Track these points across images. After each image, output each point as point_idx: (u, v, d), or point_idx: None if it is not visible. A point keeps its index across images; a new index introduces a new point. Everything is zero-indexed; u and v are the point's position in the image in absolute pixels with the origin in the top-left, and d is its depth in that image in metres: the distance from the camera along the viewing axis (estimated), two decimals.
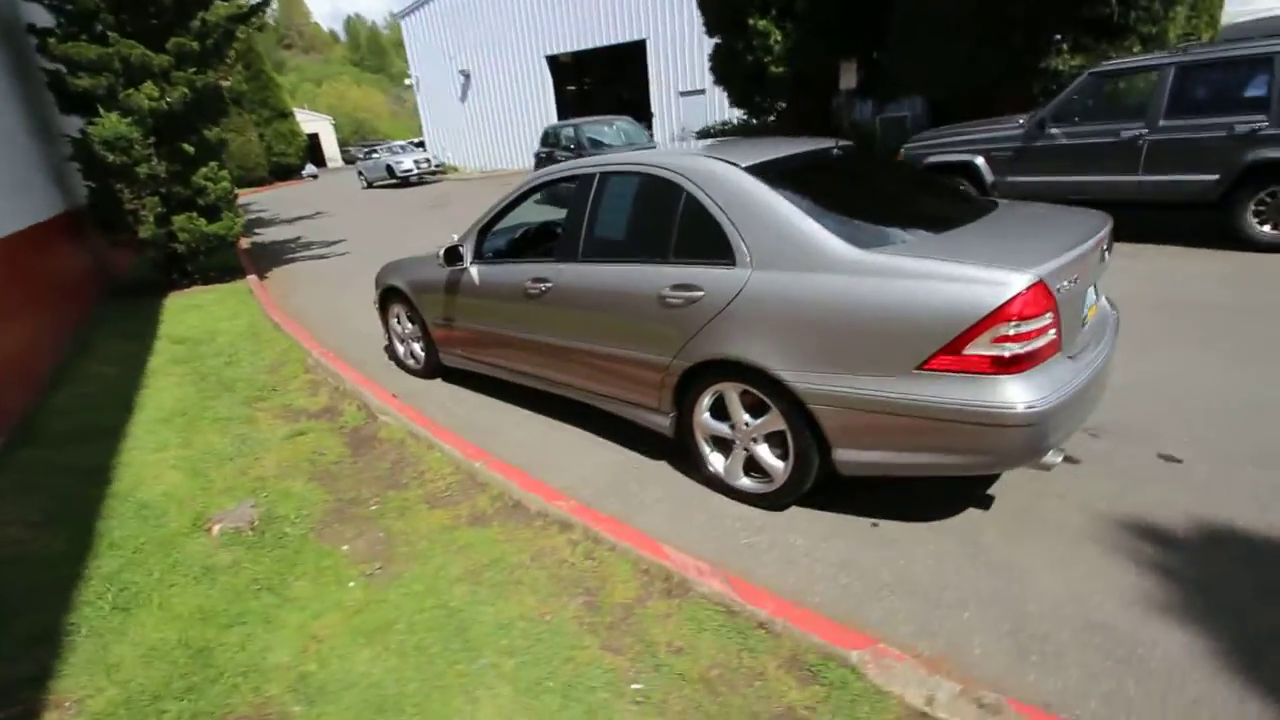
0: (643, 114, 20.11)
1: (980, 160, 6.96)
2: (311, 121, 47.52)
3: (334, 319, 6.60)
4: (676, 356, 2.81)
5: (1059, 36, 8.25)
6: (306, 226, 15.12)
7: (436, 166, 24.90)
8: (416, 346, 4.69)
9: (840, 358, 2.36)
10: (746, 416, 2.71)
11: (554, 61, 23.77)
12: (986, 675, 1.90)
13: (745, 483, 2.83)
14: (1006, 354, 2.10)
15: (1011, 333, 2.09)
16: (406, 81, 28.83)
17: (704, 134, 13.94)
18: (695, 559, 2.32)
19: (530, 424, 3.77)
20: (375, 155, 25.29)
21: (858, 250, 2.36)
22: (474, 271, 3.82)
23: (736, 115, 14.75)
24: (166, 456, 3.68)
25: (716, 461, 2.91)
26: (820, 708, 1.78)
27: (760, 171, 2.73)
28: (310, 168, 37.30)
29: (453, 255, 3.82)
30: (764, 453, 2.72)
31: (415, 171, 23.72)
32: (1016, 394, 2.11)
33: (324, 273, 9.37)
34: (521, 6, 23.21)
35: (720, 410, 2.82)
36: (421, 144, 29.04)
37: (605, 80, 26.31)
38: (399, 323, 4.76)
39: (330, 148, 51.86)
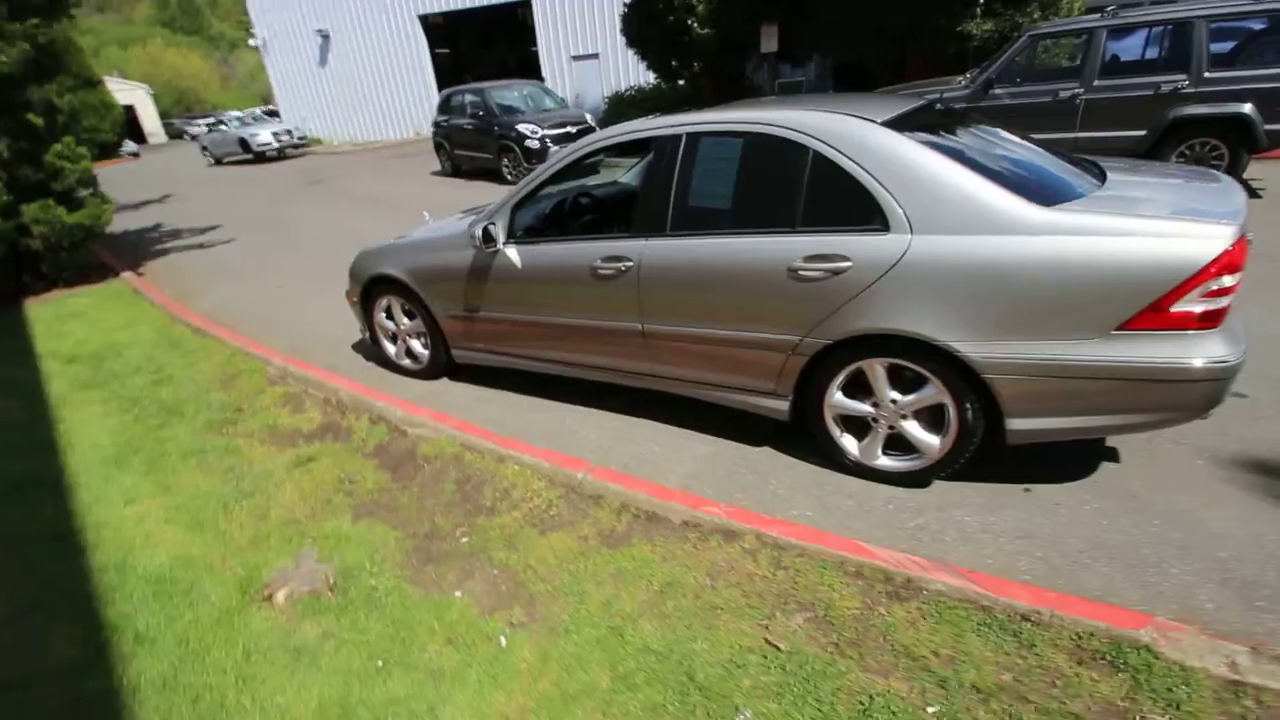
0: (531, 79, 19.14)
1: None
2: (125, 91, 40.82)
3: (266, 318, 5.63)
4: (810, 334, 2.56)
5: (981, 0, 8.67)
6: (160, 212, 12.96)
7: (300, 139, 22.31)
8: (416, 344, 4.06)
9: (1026, 324, 2.23)
10: (894, 393, 2.53)
11: (424, 22, 21.91)
12: (1237, 629, 1.88)
13: (885, 462, 2.67)
14: (1214, 308, 2.07)
15: (1217, 287, 2.05)
16: (252, 42, 25.37)
17: (616, 100, 13.44)
18: (905, 554, 2.13)
19: (595, 421, 3.37)
20: (224, 128, 22.17)
21: (1040, 209, 2.22)
22: (512, 254, 3.31)
23: (646, 79, 14.38)
24: (149, 509, 2.90)
25: (848, 443, 2.72)
26: (1138, 696, 1.66)
27: (899, 126, 2.51)
28: (130, 144, 32.17)
29: (486, 236, 3.27)
30: (914, 429, 2.56)
31: (275, 145, 21.08)
32: (1219, 348, 2.09)
33: (219, 264, 8.03)
34: None
35: (853, 389, 2.63)
36: (274, 113, 25.87)
37: (483, 44, 24.76)
38: (390, 318, 4.09)
39: (150, 121, 45.04)
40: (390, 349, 4.21)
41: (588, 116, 12.16)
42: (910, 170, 2.37)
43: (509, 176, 11.52)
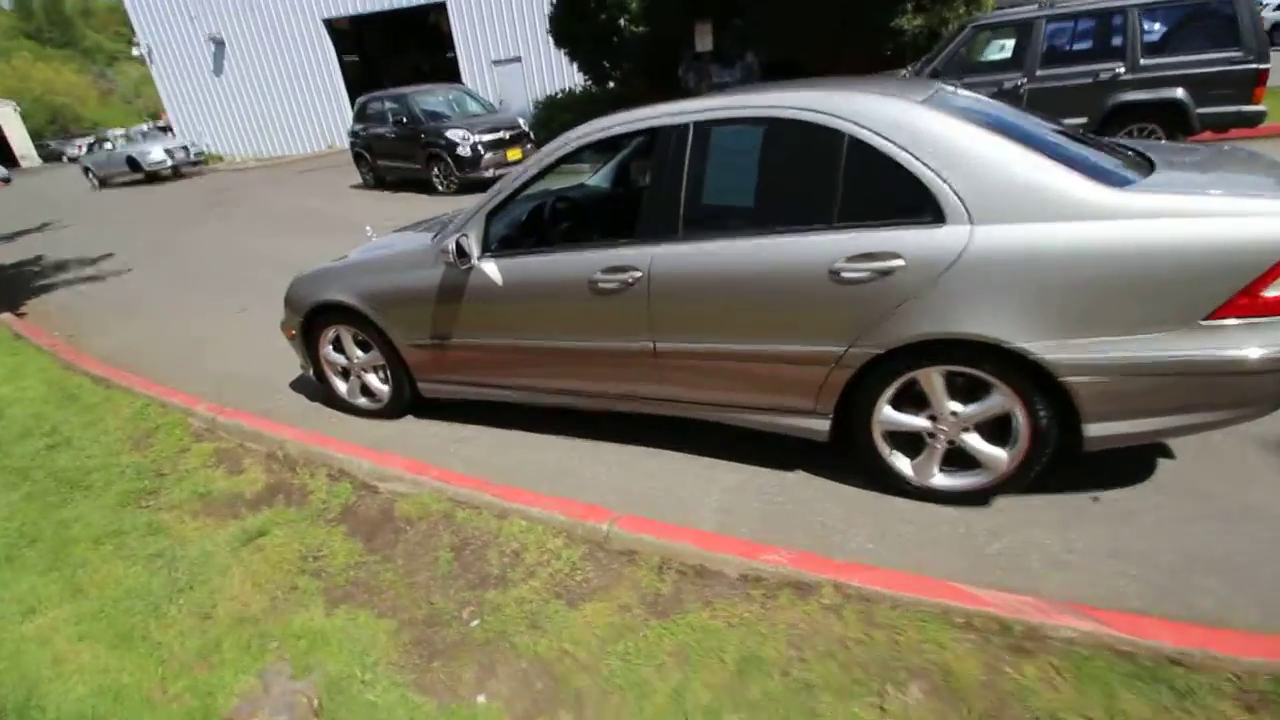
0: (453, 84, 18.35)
1: None
2: None
3: (178, 359, 4.88)
4: (856, 344, 2.26)
5: None
6: (40, 242, 11.51)
7: (197, 156, 20.57)
8: (373, 379, 3.52)
9: (1105, 319, 2.00)
10: (953, 404, 2.27)
11: (329, 26, 20.68)
12: None
13: (942, 480, 2.40)
14: None
15: None
16: (135, 52, 23.22)
17: (548, 104, 12.95)
18: (1015, 595, 1.85)
19: (598, 456, 2.96)
20: (108, 146, 20.16)
21: (1113, 190, 2.00)
22: (490, 269, 2.85)
23: (574, 82, 13.96)
24: (56, 620, 2.27)
25: (900, 462, 2.44)
26: None
27: (942, 106, 2.25)
28: None
29: (460, 251, 2.81)
30: (977, 442, 2.30)
31: (169, 163, 19.33)
32: None
33: (114, 298, 7.07)
34: None
35: (904, 401, 2.35)
36: (166, 129, 23.80)
37: (395, 50, 23.64)
38: (339, 350, 3.53)
39: (20, 142, 40.83)
40: (341, 386, 3.64)
41: (521, 121, 11.65)
42: (964, 153, 2.11)
43: (440, 187, 10.86)
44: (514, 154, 10.86)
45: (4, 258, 10.36)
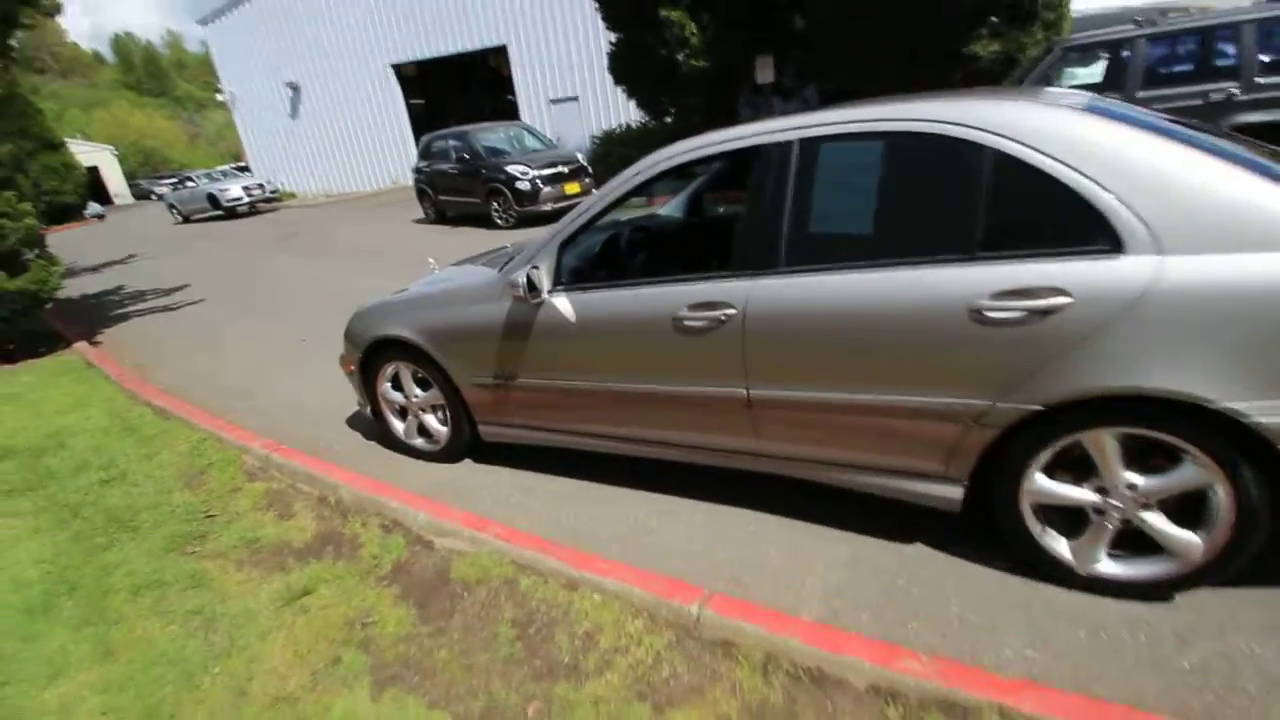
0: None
1: None
2: (88, 152, 39.99)
3: (239, 391, 4.80)
4: (1004, 398, 1.87)
5: (995, 19, 8.38)
6: (123, 273, 12.07)
7: (272, 193, 21.61)
8: (432, 419, 3.29)
9: None
10: (1130, 474, 1.84)
11: (398, 72, 21.60)
12: None
13: (1111, 568, 1.95)
14: None
15: None
16: (219, 97, 24.82)
17: (606, 139, 13.02)
18: None
19: (677, 515, 2.61)
20: (191, 184, 21.41)
21: None
22: (561, 304, 2.59)
23: (629, 118, 14.01)
24: (79, 689, 2.04)
25: (1056, 543, 2.01)
26: None
27: (1108, 114, 1.89)
28: (94, 206, 31.22)
29: (531, 285, 2.56)
30: (1161, 523, 1.85)
31: (246, 200, 20.36)
32: None
33: (184, 328, 7.19)
34: (357, 9, 20.82)
35: (1060, 468, 1.93)
36: (245, 168, 25.18)
37: (458, 91, 24.50)
38: (398, 388, 3.32)
39: (116, 182, 44.09)
40: (398, 426, 3.42)
41: (579, 155, 11.67)
42: (1148, 168, 1.73)
43: (499, 221, 10.91)
44: (572, 188, 10.85)
45: (90, 287, 10.87)
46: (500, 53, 19.54)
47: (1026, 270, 1.81)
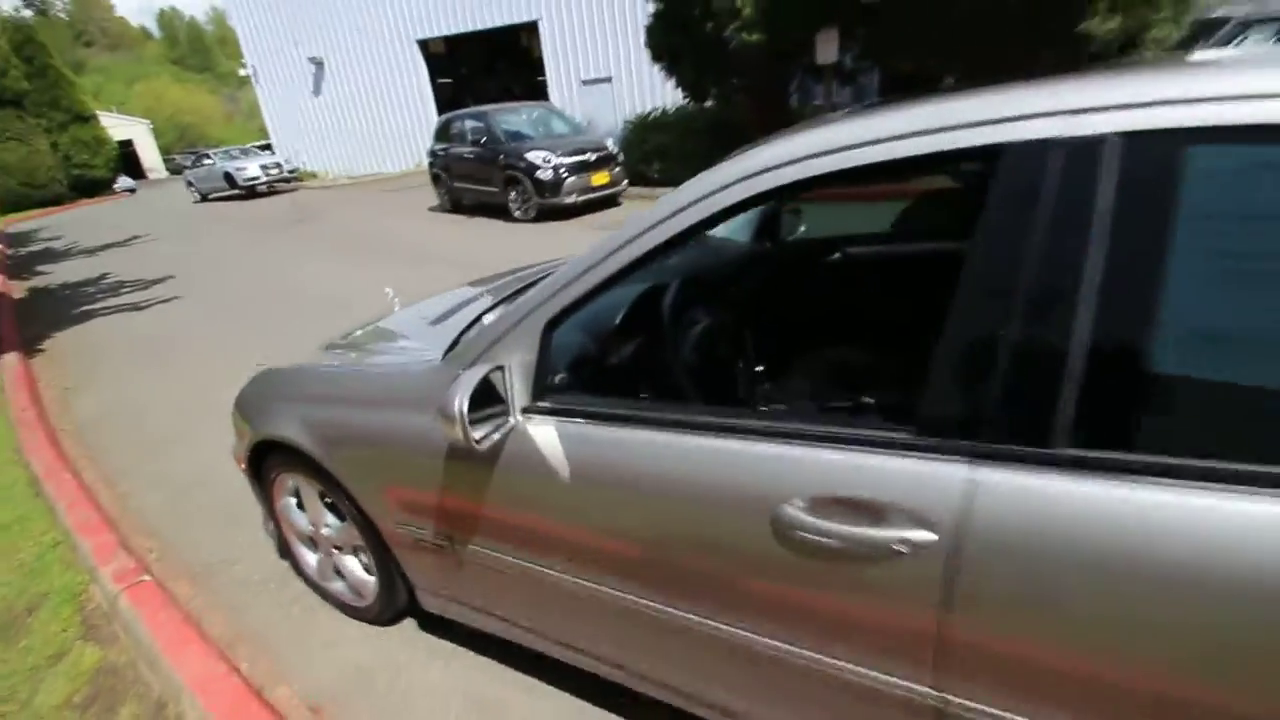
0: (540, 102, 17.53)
1: None
2: (122, 126, 39.95)
3: (161, 438, 3.70)
4: None
5: None
6: (118, 257, 11.22)
7: (290, 172, 20.74)
8: (353, 563, 2.10)
9: None
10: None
11: (424, 48, 20.45)
12: None
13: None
14: None
15: None
16: (242, 72, 23.96)
17: (639, 124, 11.68)
18: None
19: None
20: (209, 162, 20.63)
21: None
22: (544, 441, 1.36)
23: (664, 102, 12.62)
24: None
25: None
26: None
27: None
28: (125, 180, 30.98)
29: (481, 410, 1.33)
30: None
31: (263, 179, 19.54)
32: None
33: (143, 333, 6.16)
34: None
35: None
36: (268, 147, 24.38)
37: (486, 71, 23.31)
38: (302, 509, 2.14)
39: (150, 156, 44.09)
40: (309, 560, 2.24)
41: (609, 142, 10.39)
42: None
43: (517, 213, 9.71)
44: (599, 178, 9.59)
45: (76, 274, 10.01)
46: (532, 30, 18.26)
47: None
